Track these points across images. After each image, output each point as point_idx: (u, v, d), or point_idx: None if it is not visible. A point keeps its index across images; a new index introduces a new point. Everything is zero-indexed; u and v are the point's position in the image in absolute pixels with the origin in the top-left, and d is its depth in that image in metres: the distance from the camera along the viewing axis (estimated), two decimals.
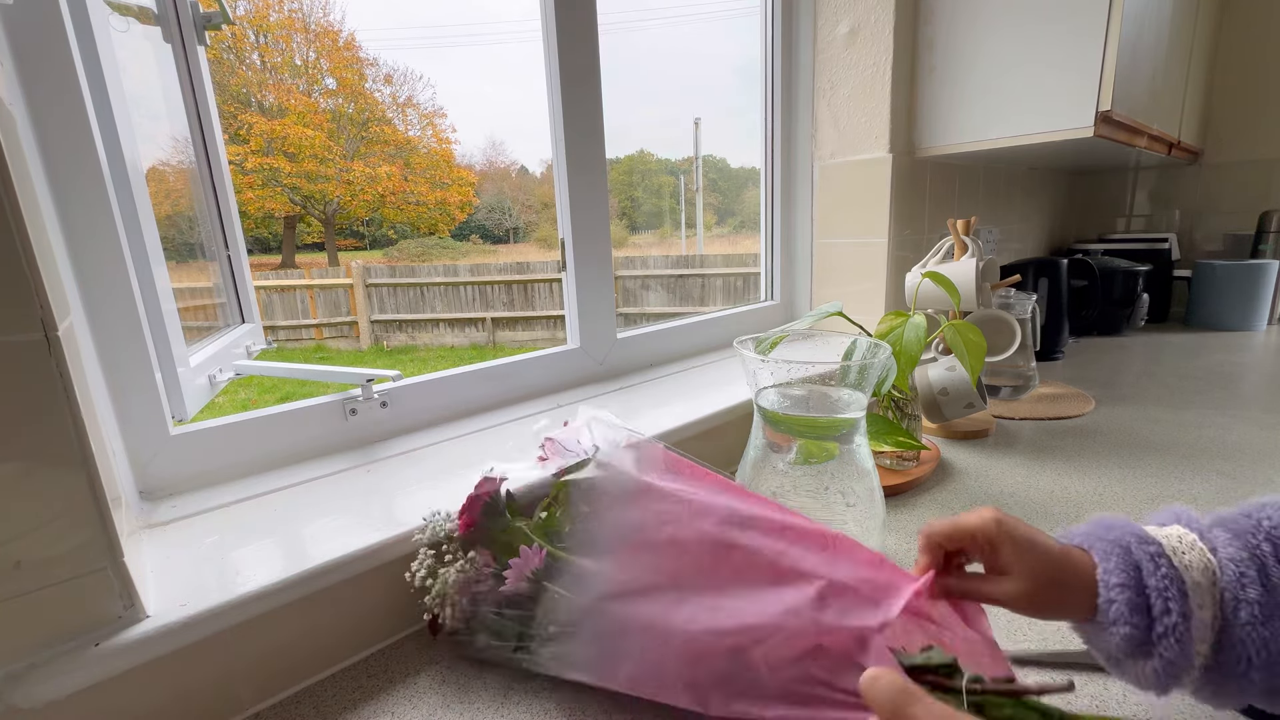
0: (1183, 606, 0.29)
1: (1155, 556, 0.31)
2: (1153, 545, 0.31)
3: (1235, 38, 1.58)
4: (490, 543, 0.46)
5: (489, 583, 0.44)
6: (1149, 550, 0.31)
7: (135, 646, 0.37)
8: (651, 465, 0.45)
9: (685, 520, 0.40)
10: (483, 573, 0.45)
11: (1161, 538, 0.32)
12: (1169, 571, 0.30)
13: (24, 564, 0.34)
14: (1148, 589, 0.30)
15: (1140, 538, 0.32)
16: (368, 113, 11.61)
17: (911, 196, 1.13)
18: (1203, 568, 0.30)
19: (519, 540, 0.45)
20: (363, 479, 0.60)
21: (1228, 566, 0.30)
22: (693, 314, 1.12)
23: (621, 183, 12.00)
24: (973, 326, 0.70)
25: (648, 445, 0.47)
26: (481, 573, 0.45)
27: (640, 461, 0.46)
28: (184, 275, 0.65)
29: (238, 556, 0.46)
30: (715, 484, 0.44)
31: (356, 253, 13.85)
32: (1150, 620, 0.30)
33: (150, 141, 0.59)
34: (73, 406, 0.34)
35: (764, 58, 1.17)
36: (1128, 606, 0.30)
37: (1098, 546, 0.33)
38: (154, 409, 0.54)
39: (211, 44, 0.69)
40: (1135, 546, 0.32)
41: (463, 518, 0.47)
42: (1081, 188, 1.92)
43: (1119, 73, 0.92)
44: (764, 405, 0.54)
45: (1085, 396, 1.03)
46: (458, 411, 0.77)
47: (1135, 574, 0.31)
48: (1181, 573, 0.30)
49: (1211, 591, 0.30)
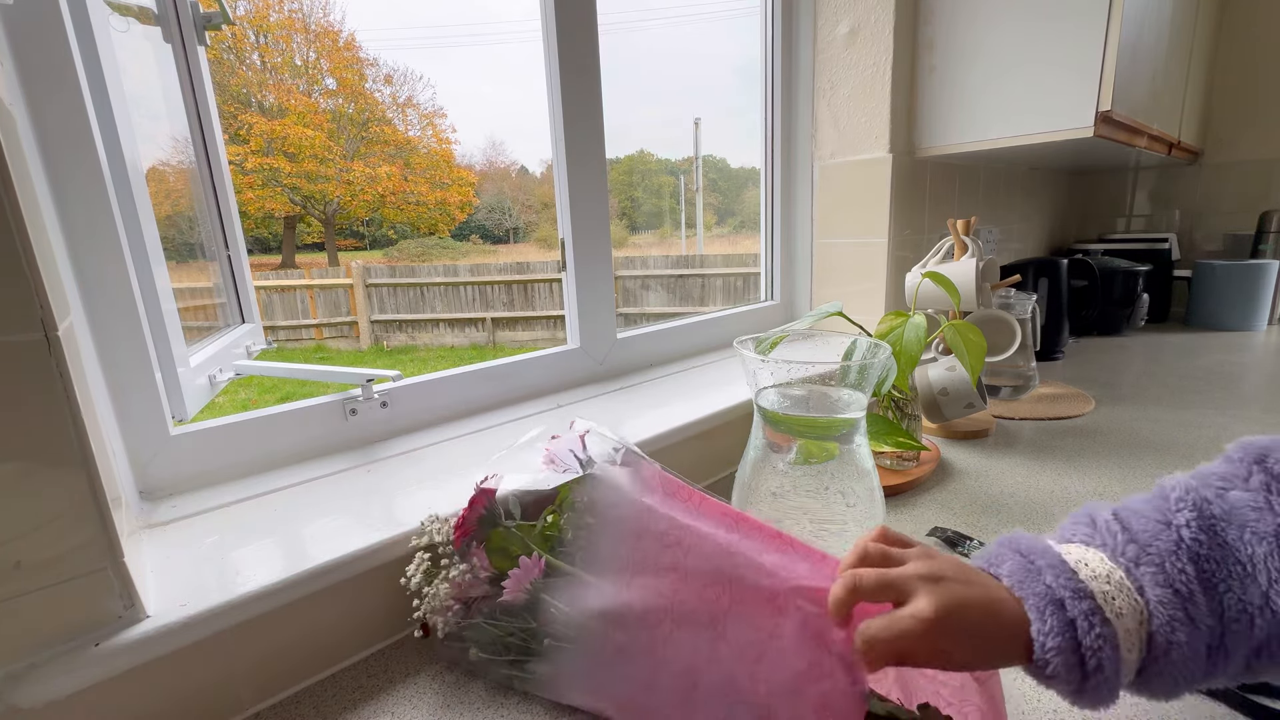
0: (1115, 660, 0.30)
1: (1089, 614, 0.30)
2: (1085, 602, 0.31)
3: (1235, 38, 1.58)
4: (489, 550, 0.46)
5: (485, 588, 0.44)
6: (1082, 608, 0.31)
7: (135, 646, 0.37)
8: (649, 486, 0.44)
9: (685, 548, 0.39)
10: (479, 580, 0.44)
11: (1091, 583, 0.32)
12: (1103, 631, 0.30)
13: (24, 564, 0.34)
14: (1083, 649, 0.30)
15: (1073, 591, 0.31)
16: (368, 113, 11.61)
17: (911, 196, 1.13)
18: (1133, 612, 0.31)
19: (517, 548, 0.45)
20: (363, 479, 0.60)
21: (1158, 611, 0.30)
22: (693, 314, 1.12)
23: (621, 183, 12.00)
24: (973, 326, 0.70)
25: (645, 465, 0.47)
26: (479, 579, 0.44)
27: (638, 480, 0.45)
28: (184, 275, 0.65)
29: (238, 556, 0.46)
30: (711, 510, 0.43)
31: (356, 253, 13.86)
32: (1084, 673, 0.30)
33: (150, 141, 0.59)
34: (73, 406, 0.34)
35: (764, 58, 1.17)
36: (1064, 665, 0.30)
37: (1030, 599, 0.32)
38: (154, 409, 0.54)
39: (211, 44, 0.69)
40: (1069, 603, 0.31)
41: (459, 531, 0.47)
42: (1081, 188, 1.92)
43: (1119, 73, 0.92)
44: (764, 405, 0.54)
45: (1085, 396, 1.03)
46: (458, 411, 0.77)
47: (1070, 634, 0.30)
48: (1114, 624, 0.30)
49: (1139, 633, 0.30)
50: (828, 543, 0.51)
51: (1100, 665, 0.30)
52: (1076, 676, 0.30)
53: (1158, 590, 0.31)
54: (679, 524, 0.40)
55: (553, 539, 0.44)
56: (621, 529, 0.42)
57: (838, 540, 0.51)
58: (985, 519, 0.66)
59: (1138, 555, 0.32)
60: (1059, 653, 0.30)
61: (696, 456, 0.78)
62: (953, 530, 0.63)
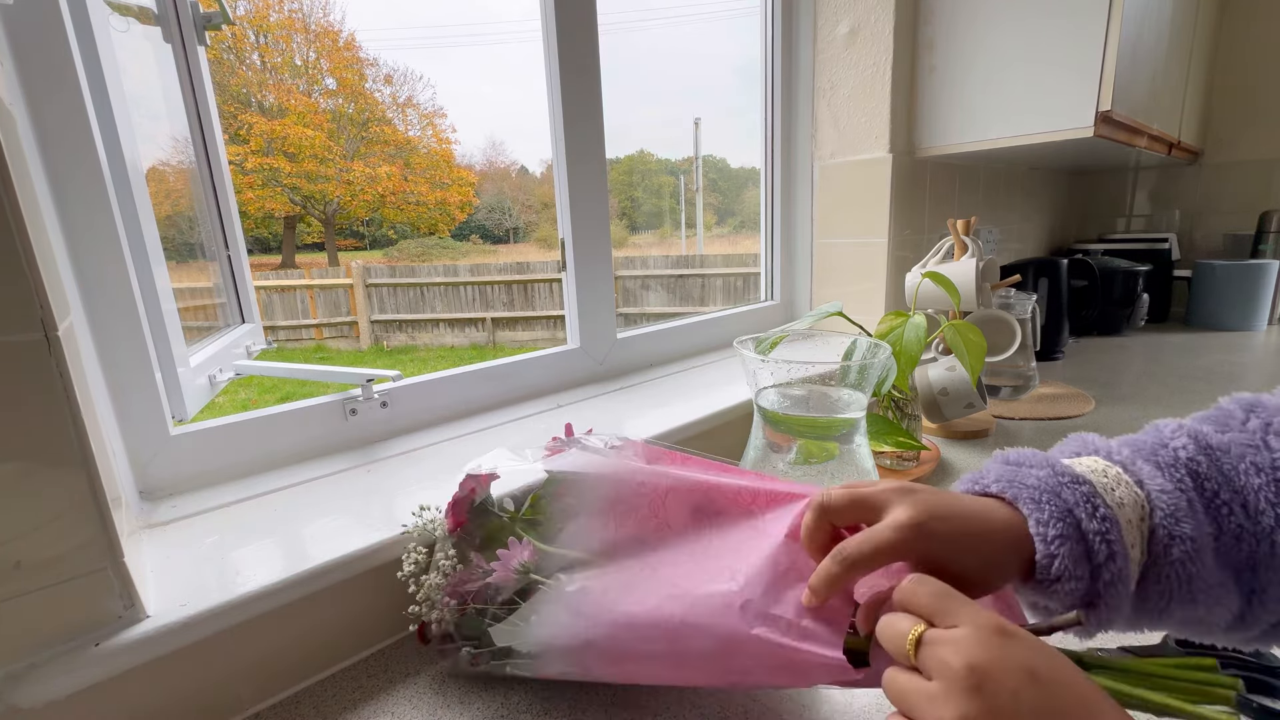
0: (1125, 553, 0.27)
1: (1090, 498, 0.28)
2: (1084, 485, 0.29)
3: (1235, 38, 1.58)
4: (483, 542, 0.46)
5: (478, 581, 0.44)
6: (1082, 491, 0.28)
7: (135, 646, 0.37)
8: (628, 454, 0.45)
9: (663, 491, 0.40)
10: (474, 572, 0.44)
11: (1088, 474, 0.29)
12: (1106, 513, 0.28)
13: (24, 564, 0.34)
14: (1087, 534, 0.27)
15: (1069, 478, 0.29)
16: (368, 113, 11.61)
17: (911, 196, 1.13)
18: (1134, 503, 0.28)
19: (508, 537, 0.45)
20: (363, 479, 0.60)
21: (1159, 500, 0.28)
22: (693, 314, 1.12)
23: (621, 183, 12.00)
24: (973, 326, 0.70)
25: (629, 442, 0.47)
26: (473, 572, 0.44)
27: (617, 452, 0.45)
28: (184, 275, 0.65)
29: (238, 556, 0.46)
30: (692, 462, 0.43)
31: (356, 253, 13.85)
32: (1094, 568, 0.27)
33: (150, 141, 0.59)
34: (73, 406, 0.34)
35: (764, 58, 1.17)
36: (1070, 558, 0.27)
37: (1023, 495, 0.29)
38: (154, 409, 0.54)
39: (211, 44, 0.69)
40: (1067, 490, 0.28)
41: (450, 518, 0.47)
42: (1081, 188, 1.92)
43: (1119, 73, 0.92)
44: (764, 405, 0.54)
45: (1085, 396, 1.03)
46: (458, 411, 0.77)
47: (1071, 519, 0.28)
48: (1116, 512, 0.28)
49: (1140, 528, 0.28)
50: None
51: (1111, 553, 0.27)
52: (1085, 570, 0.27)
53: (1158, 481, 0.29)
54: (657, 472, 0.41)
55: (539, 523, 0.45)
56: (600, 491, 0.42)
57: None
58: None
59: (1133, 457, 0.31)
60: (1063, 541, 0.27)
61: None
62: None
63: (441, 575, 0.44)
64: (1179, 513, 0.28)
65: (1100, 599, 0.27)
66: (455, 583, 0.44)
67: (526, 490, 0.49)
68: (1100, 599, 0.27)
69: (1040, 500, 0.29)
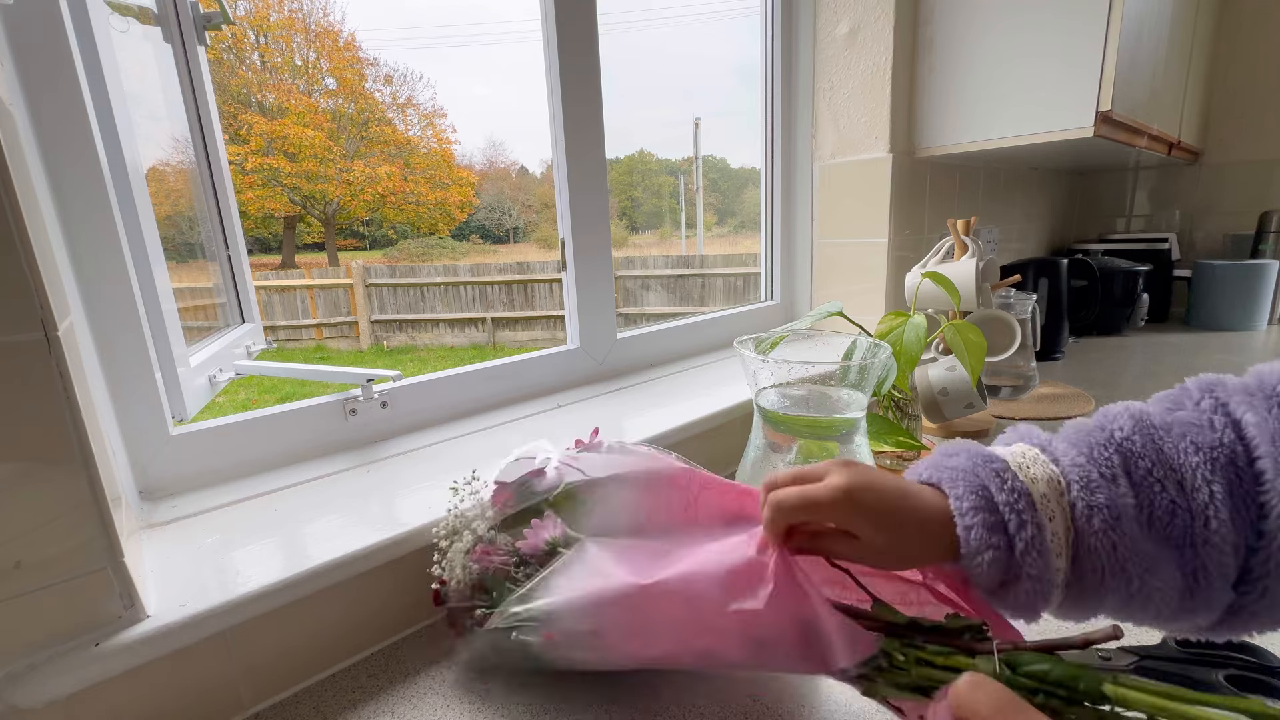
0: (1036, 518, 0.29)
1: (1000, 473, 0.30)
2: (997, 462, 0.31)
3: (1235, 38, 1.58)
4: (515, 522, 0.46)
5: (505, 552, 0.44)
6: (994, 468, 0.31)
7: (135, 646, 0.37)
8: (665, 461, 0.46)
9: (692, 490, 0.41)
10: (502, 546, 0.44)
11: (1005, 455, 0.32)
12: (1015, 484, 0.30)
13: (24, 564, 0.34)
14: (998, 505, 0.30)
15: (984, 458, 0.32)
16: (368, 113, 11.61)
17: (911, 196, 1.13)
18: (1048, 479, 0.30)
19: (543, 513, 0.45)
20: (363, 479, 0.60)
21: (1071, 473, 0.30)
22: (693, 314, 1.12)
23: (621, 183, 12.01)
24: (973, 326, 0.70)
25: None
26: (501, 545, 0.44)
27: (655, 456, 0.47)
28: (184, 275, 0.65)
29: (238, 556, 0.46)
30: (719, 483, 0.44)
31: (356, 253, 13.85)
32: (1009, 538, 0.29)
33: (150, 141, 0.60)
34: (73, 406, 0.34)
35: (764, 58, 1.17)
36: (985, 528, 0.30)
37: (944, 476, 0.32)
38: (154, 409, 0.54)
39: (211, 44, 0.69)
40: (981, 468, 0.31)
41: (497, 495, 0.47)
42: (1081, 188, 1.92)
43: (1119, 72, 0.92)
44: (764, 405, 0.54)
45: (1085, 396, 1.03)
46: (458, 411, 0.77)
47: (985, 493, 0.30)
48: (1028, 485, 0.30)
49: (1060, 502, 0.30)
50: None
51: (1022, 522, 0.29)
52: (1001, 540, 0.29)
53: (1072, 456, 0.30)
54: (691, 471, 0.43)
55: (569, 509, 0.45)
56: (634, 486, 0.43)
57: None
58: None
59: (1057, 441, 0.32)
60: (976, 512, 0.30)
61: (696, 456, 0.77)
62: None
63: (474, 538, 0.44)
64: (1092, 484, 0.29)
65: (1021, 569, 0.29)
66: (482, 551, 0.44)
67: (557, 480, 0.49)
68: (1021, 569, 0.29)
69: (957, 479, 0.32)
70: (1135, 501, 0.29)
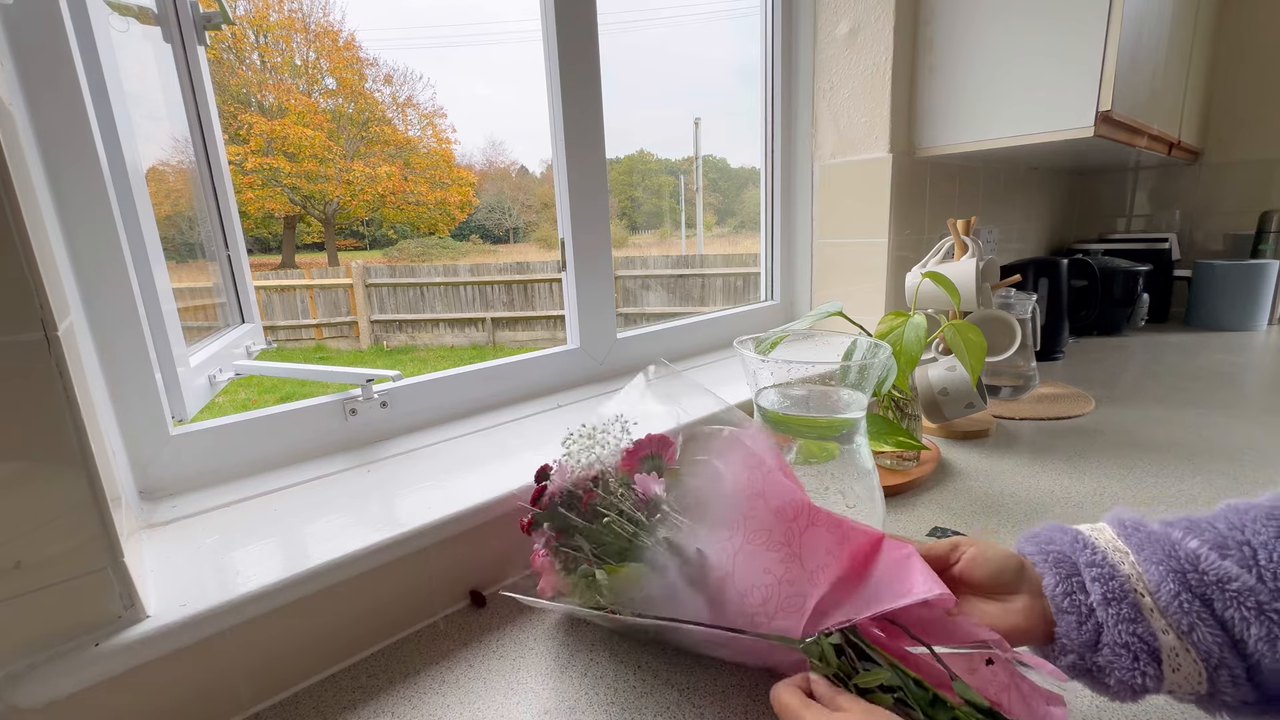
0: (1128, 590, 0.31)
1: (1089, 546, 0.34)
2: (1087, 549, 0.34)
3: (1235, 38, 1.58)
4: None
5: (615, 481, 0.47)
6: (1086, 556, 0.34)
7: (135, 646, 0.37)
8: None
9: (799, 526, 0.40)
10: (614, 481, 0.47)
11: (1094, 537, 0.35)
12: (1099, 559, 0.33)
13: (24, 564, 0.34)
14: (1078, 565, 0.33)
15: (1079, 541, 0.35)
16: (368, 113, 11.60)
17: (911, 196, 1.13)
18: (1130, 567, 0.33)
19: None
20: (363, 479, 0.60)
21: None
22: (693, 314, 1.12)
23: (621, 183, 12.00)
24: (973, 326, 0.70)
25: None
26: (614, 481, 0.47)
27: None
28: (184, 275, 0.65)
29: (238, 556, 0.46)
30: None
31: (356, 253, 13.85)
32: (1092, 609, 0.32)
33: (150, 141, 0.59)
34: (73, 406, 0.34)
35: (764, 58, 1.17)
36: (1064, 595, 0.33)
37: (1037, 559, 0.36)
38: (154, 409, 0.54)
39: (211, 44, 0.69)
40: (1069, 546, 0.35)
41: (626, 458, 0.49)
42: (1081, 188, 1.92)
43: (1119, 72, 0.92)
44: (764, 405, 0.54)
45: (1085, 396, 1.03)
46: (458, 411, 0.77)
47: (1071, 568, 0.34)
48: (1113, 559, 0.33)
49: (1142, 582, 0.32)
50: None
51: (1112, 572, 0.31)
52: (1084, 601, 0.32)
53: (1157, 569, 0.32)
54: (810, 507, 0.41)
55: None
56: (739, 498, 0.42)
57: None
58: (985, 519, 0.66)
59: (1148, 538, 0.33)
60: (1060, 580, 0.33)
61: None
62: (952, 530, 0.63)
63: (599, 453, 0.47)
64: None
65: (1105, 648, 0.31)
66: (598, 471, 0.47)
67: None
68: (1105, 648, 0.31)
69: (1046, 559, 0.36)
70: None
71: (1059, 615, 0.33)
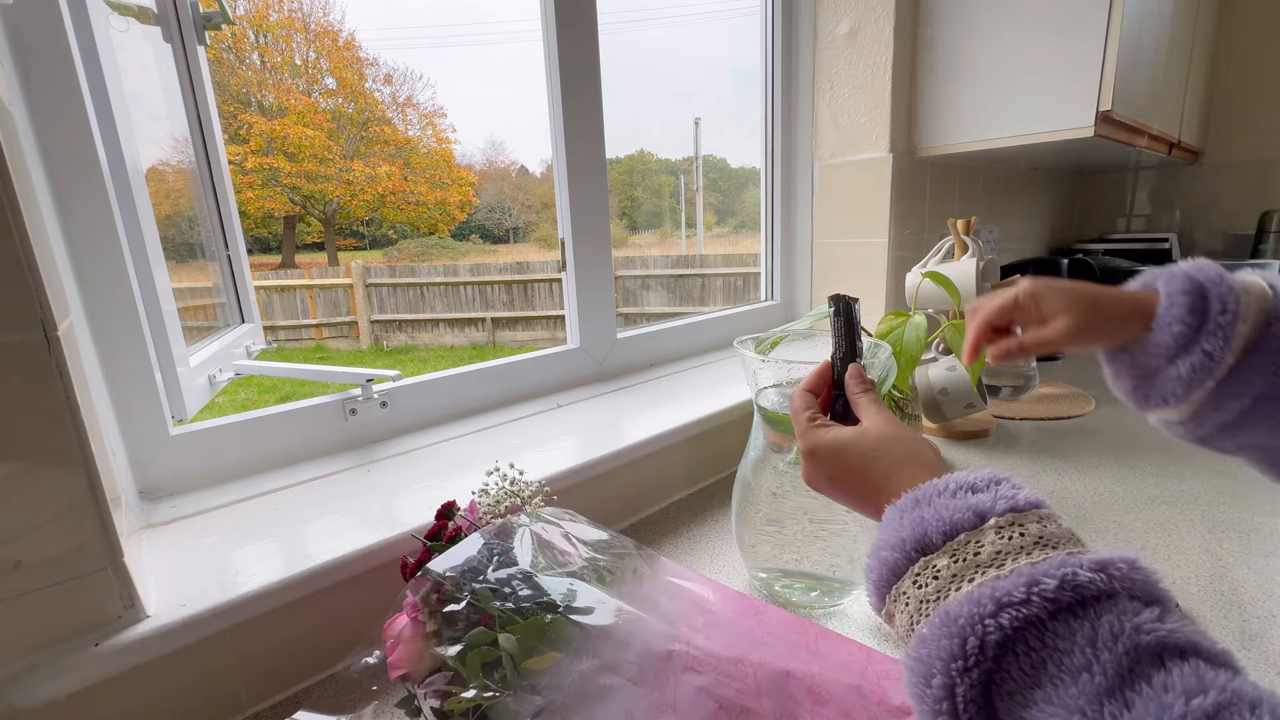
0: (1238, 308, 0.33)
1: (1220, 273, 0.35)
2: (1210, 268, 0.36)
3: (1235, 38, 1.58)
4: None
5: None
6: (1212, 269, 0.36)
7: (135, 646, 0.37)
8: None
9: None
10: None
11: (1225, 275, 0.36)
12: (1228, 282, 0.34)
13: (24, 564, 0.34)
14: (1208, 295, 0.34)
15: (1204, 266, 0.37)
16: (368, 113, 11.60)
17: (911, 196, 1.13)
18: (1259, 292, 0.34)
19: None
20: (363, 479, 0.60)
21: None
22: (693, 314, 1.12)
23: (621, 183, 11.99)
24: None
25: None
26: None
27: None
28: (184, 275, 0.65)
29: (238, 556, 0.46)
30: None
31: (356, 253, 13.84)
32: (1203, 320, 0.34)
33: (150, 141, 0.60)
34: (73, 406, 0.34)
35: (764, 58, 1.17)
36: (1186, 308, 0.34)
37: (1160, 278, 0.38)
38: (154, 409, 0.54)
39: (211, 44, 0.69)
40: (1195, 270, 0.36)
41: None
42: (1081, 188, 1.92)
43: (1119, 73, 0.92)
44: (764, 405, 0.54)
45: (1085, 396, 1.03)
46: (458, 411, 0.77)
47: (1198, 286, 0.35)
48: (1238, 287, 0.34)
49: (1258, 312, 0.34)
50: (828, 542, 0.51)
51: (1224, 307, 0.33)
52: (1196, 321, 0.34)
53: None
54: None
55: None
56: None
57: (838, 540, 0.51)
58: None
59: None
60: (1186, 295, 0.35)
61: (697, 456, 0.78)
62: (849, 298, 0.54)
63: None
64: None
65: (1198, 343, 0.34)
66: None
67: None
68: (1198, 343, 0.34)
69: (1174, 275, 0.37)
70: None
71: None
